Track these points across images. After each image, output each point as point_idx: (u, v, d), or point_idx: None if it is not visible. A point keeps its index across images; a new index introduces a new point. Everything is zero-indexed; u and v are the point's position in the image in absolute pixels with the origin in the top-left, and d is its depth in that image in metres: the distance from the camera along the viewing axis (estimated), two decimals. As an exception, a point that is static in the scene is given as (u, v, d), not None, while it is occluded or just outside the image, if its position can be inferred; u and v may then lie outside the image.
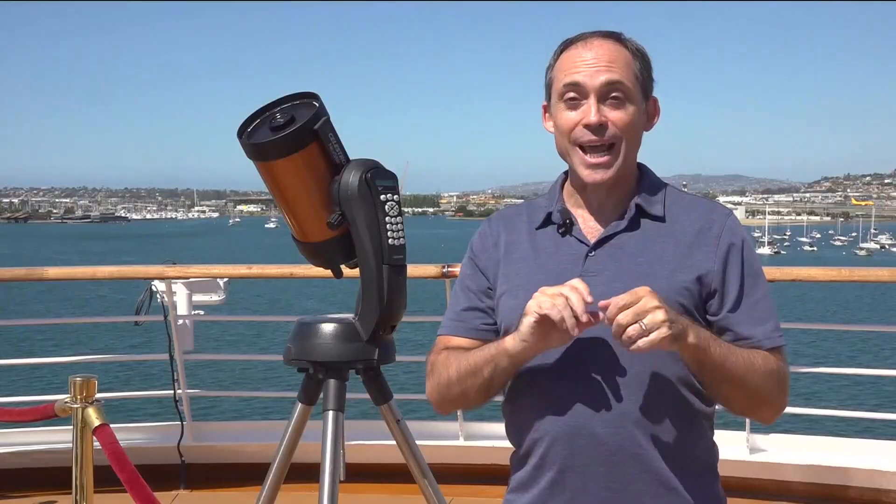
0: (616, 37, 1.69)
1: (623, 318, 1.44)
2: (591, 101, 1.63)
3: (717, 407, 1.72)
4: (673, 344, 1.46)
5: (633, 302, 1.44)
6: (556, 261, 1.69)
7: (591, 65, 1.63)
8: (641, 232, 1.67)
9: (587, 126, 1.63)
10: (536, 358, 1.64)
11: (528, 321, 1.52)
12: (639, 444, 1.60)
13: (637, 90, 1.66)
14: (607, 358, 1.60)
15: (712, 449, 1.71)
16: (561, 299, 1.48)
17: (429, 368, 1.77)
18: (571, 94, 1.65)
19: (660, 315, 1.43)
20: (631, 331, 1.43)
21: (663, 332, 1.43)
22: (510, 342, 1.58)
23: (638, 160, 1.77)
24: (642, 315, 1.43)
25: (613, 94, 1.63)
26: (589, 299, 1.48)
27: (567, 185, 1.77)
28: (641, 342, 1.43)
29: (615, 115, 1.63)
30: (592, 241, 1.68)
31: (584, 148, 1.66)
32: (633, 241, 1.67)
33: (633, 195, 1.70)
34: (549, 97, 1.73)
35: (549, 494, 1.66)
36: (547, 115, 1.74)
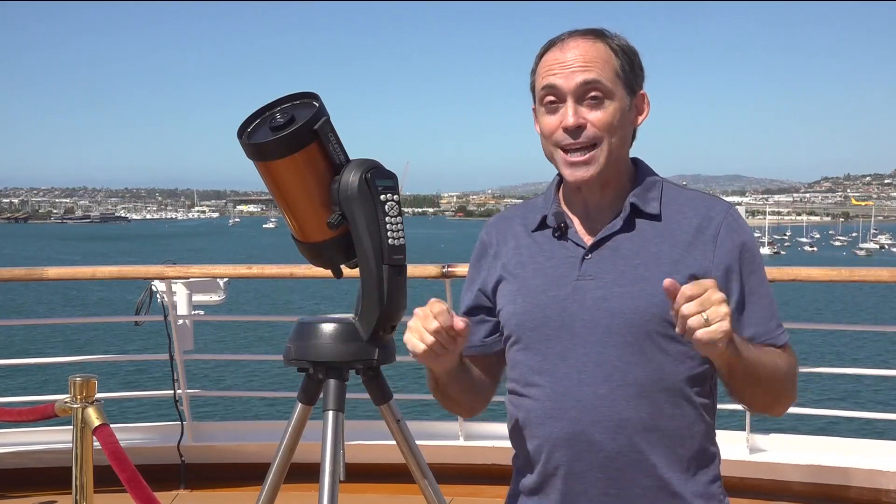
0: (596, 34, 1.66)
1: (687, 308, 1.39)
2: (569, 104, 1.62)
3: (719, 406, 1.72)
4: (726, 344, 1.42)
5: (699, 293, 1.40)
6: (553, 264, 1.68)
7: (567, 66, 1.62)
8: (637, 232, 1.65)
9: (566, 129, 1.62)
10: (535, 364, 1.65)
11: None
12: (638, 450, 1.59)
13: (619, 87, 1.63)
14: (607, 363, 1.59)
15: (714, 451, 1.70)
16: (414, 333, 1.57)
17: None
18: (550, 98, 1.64)
19: (724, 308, 1.39)
20: (693, 322, 1.39)
21: (724, 325, 1.38)
22: None
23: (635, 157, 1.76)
24: (707, 306, 1.39)
25: (591, 94, 1.61)
26: (433, 325, 1.53)
27: (563, 186, 1.76)
28: (701, 333, 1.39)
29: (594, 116, 1.62)
30: (589, 243, 1.66)
31: (566, 149, 1.64)
32: (628, 242, 1.64)
33: (627, 193, 1.68)
34: (534, 101, 1.72)
35: (548, 499, 1.66)
36: (536, 118, 1.72)
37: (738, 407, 4.09)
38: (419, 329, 1.55)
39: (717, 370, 1.57)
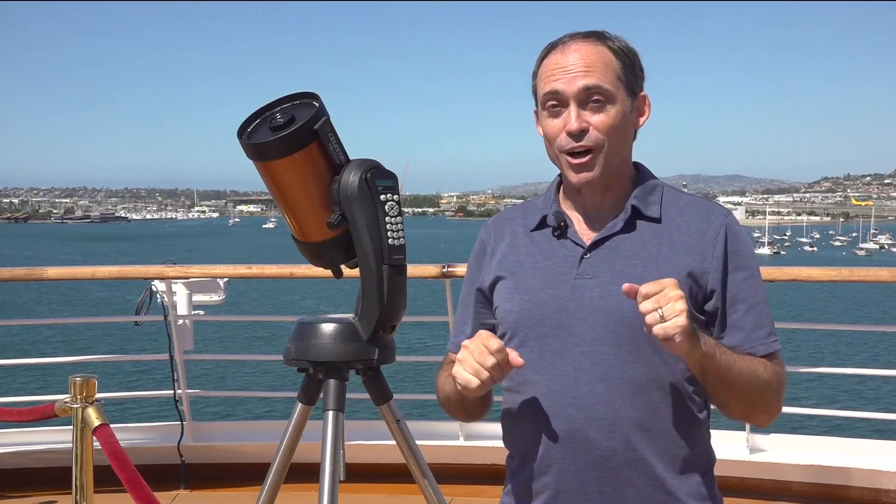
0: (597, 36, 1.67)
1: (644, 305, 1.45)
2: (571, 108, 1.63)
3: (712, 407, 1.72)
4: (685, 343, 1.45)
5: (656, 291, 1.44)
6: (551, 263, 1.68)
7: (569, 71, 1.63)
8: (637, 233, 1.67)
9: (569, 133, 1.63)
10: (531, 362, 1.65)
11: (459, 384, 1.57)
12: (633, 449, 1.59)
13: (620, 89, 1.65)
14: (604, 361, 1.60)
15: (708, 451, 1.70)
16: (467, 368, 1.54)
17: (435, 388, 1.85)
18: (552, 103, 1.65)
19: (679, 305, 1.43)
20: (649, 318, 1.44)
21: (680, 321, 1.42)
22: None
23: (637, 160, 1.77)
24: (663, 303, 1.43)
25: (594, 98, 1.62)
26: (490, 362, 1.51)
27: (563, 187, 1.77)
28: (657, 329, 1.43)
29: (596, 120, 1.63)
30: (588, 242, 1.67)
31: (569, 152, 1.65)
32: (628, 243, 1.66)
33: (628, 196, 1.69)
34: (536, 104, 1.73)
35: (542, 498, 1.66)
36: (538, 120, 1.73)
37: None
38: (473, 365, 1.53)
39: (692, 372, 1.58)
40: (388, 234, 1.85)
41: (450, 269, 3.87)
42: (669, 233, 1.66)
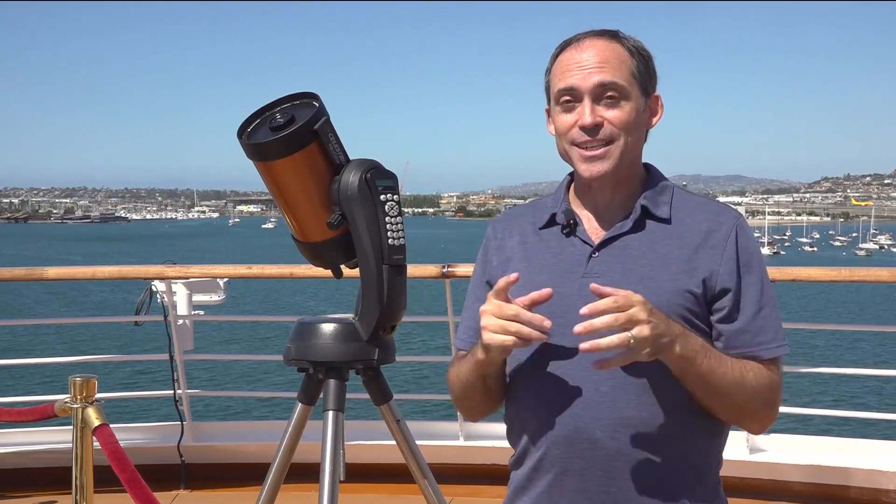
0: (611, 35, 1.67)
1: (604, 320, 1.44)
2: (586, 103, 1.63)
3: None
4: (654, 354, 1.47)
5: (626, 306, 1.44)
6: (559, 261, 1.68)
7: (584, 67, 1.63)
8: (646, 233, 1.66)
9: (583, 127, 1.63)
10: (537, 361, 1.64)
11: (484, 346, 1.57)
12: (638, 450, 1.59)
13: (634, 88, 1.65)
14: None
15: (714, 453, 1.69)
16: (495, 327, 1.53)
17: (448, 385, 1.82)
18: (567, 98, 1.65)
19: (646, 331, 1.44)
20: (617, 339, 1.44)
21: (645, 345, 1.45)
22: (478, 353, 1.61)
23: (643, 160, 1.76)
24: (631, 326, 1.44)
25: (608, 94, 1.63)
26: (511, 311, 1.52)
27: (573, 186, 1.77)
28: (613, 360, 1.47)
29: (611, 115, 1.63)
30: (596, 241, 1.67)
31: (581, 145, 1.65)
32: (637, 243, 1.65)
33: (638, 195, 1.69)
34: (549, 101, 1.73)
35: (547, 498, 1.65)
36: (549, 118, 1.73)
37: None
38: (499, 322, 1.52)
39: (672, 371, 1.56)
40: (388, 234, 1.85)
41: (450, 270, 3.86)
42: (679, 233, 1.65)
